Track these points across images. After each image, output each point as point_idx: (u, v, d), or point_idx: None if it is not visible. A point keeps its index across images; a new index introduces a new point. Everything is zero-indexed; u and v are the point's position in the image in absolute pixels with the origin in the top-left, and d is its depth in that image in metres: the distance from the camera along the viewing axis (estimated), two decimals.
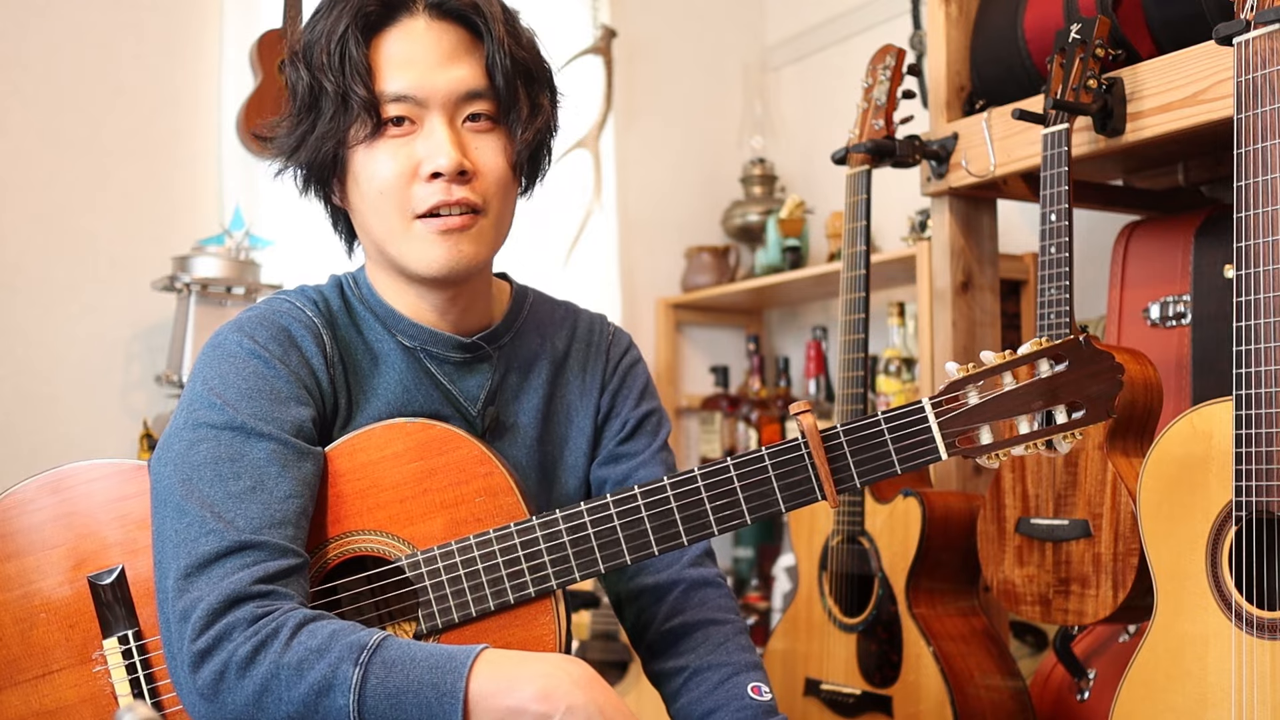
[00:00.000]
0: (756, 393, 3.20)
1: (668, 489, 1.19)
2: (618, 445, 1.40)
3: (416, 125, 1.21)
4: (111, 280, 2.63)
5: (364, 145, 1.21)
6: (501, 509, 1.21)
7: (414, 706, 1.05)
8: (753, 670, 1.32)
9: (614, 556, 1.19)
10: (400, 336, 1.30)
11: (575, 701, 1.06)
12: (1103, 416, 1.17)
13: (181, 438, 1.18)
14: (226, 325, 1.25)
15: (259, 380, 1.19)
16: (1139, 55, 1.78)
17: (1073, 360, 1.17)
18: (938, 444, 1.17)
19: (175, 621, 1.09)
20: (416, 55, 1.21)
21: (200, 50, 2.77)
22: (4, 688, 1.19)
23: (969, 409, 1.17)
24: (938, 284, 2.16)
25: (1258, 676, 1.32)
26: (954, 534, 1.90)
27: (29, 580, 1.21)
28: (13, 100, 2.55)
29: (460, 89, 1.22)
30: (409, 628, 1.22)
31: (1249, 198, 1.35)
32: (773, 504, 1.19)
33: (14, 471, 1.29)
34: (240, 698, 1.07)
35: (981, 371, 1.18)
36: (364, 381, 1.28)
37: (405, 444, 1.22)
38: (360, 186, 1.23)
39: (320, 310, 1.28)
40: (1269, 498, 1.31)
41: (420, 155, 1.21)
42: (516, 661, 1.09)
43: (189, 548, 1.11)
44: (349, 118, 1.20)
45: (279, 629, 1.07)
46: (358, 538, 1.20)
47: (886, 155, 2.03)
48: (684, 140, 3.48)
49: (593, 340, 1.43)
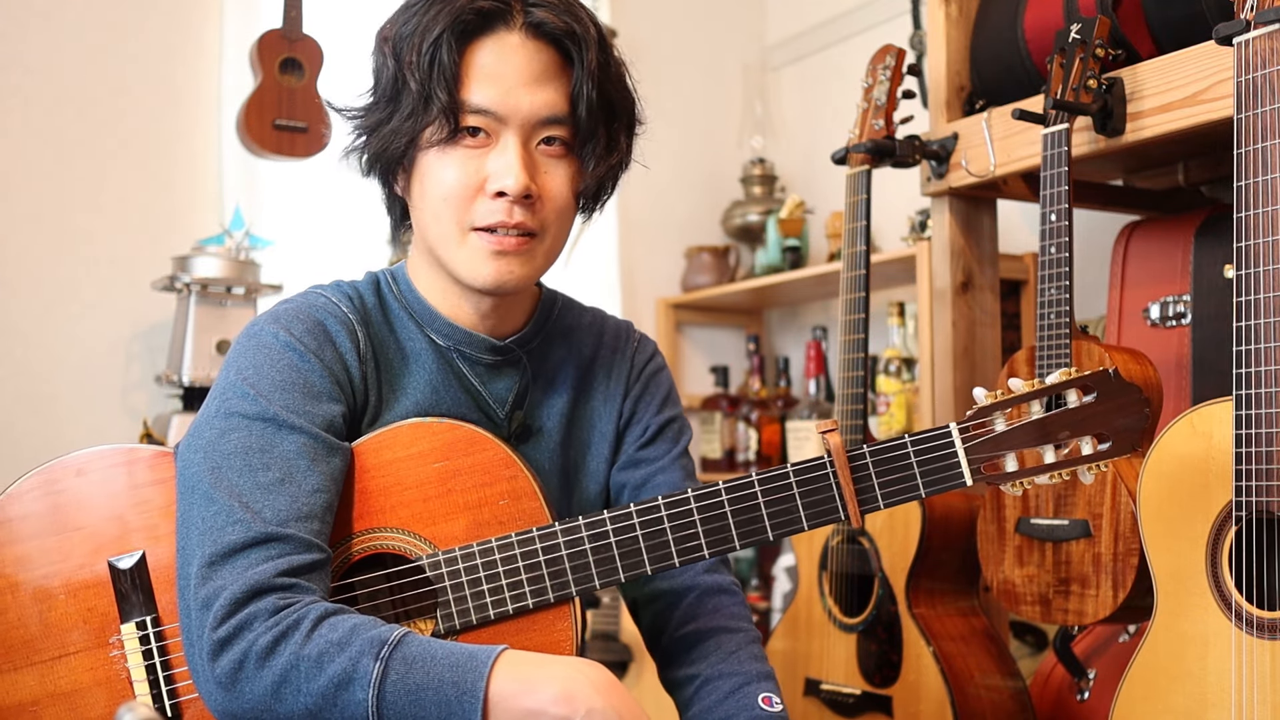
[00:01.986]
0: (756, 393, 3.20)
1: (691, 501, 1.19)
2: (638, 450, 1.40)
3: (491, 140, 1.21)
4: (111, 280, 2.63)
5: (436, 149, 1.21)
6: (524, 513, 1.21)
7: (433, 704, 1.05)
8: (764, 680, 1.32)
9: (635, 566, 1.19)
10: (434, 335, 1.31)
11: (595, 705, 1.06)
12: (1128, 450, 1.17)
13: (213, 425, 1.17)
14: (262, 316, 1.25)
15: (293, 373, 1.20)
16: (1139, 55, 1.78)
17: (1101, 392, 1.17)
18: (963, 470, 1.17)
19: (196, 609, 1.10)
20: (505, 71, 1.20)
21: (200, 50, 2.77)
22: (20, 667, 1.19)
23: (996, 436, 1.17)
24: (938, 284, 2.15)
25: (1258, 676, 1.32)
26: (954, 534, 1.90)
27: (50, 561, 1.21)
28: (13, 100, 2.55)
29: (542, 112, 1.21)
30: (426, 627, 1.22)
31: (1249, 198, 1.35)
32: (796, 521, 1.19)
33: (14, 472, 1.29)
34: (258, 688, 1.07)
35: (1009, 399, 1.17)
36: (395, 379, 1.28)
37: (431, 443, 1.22)
38: (424, 187, 1.24)
39: (355, 306, 1.28)
40: (1269, 498, 1.31)
41: (489, 171, 1.21)
42: (537, 663, 1.09)
43: (215, 536, 1.11)
44: (427, 119, 1.20)
45: (300, 621, 1.08)
46: (380, 534, 1.21)
47: (886, 155, 2.03)
48: (684, 140, 3.48)
49: (618, 346, 1.43)
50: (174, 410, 2.47)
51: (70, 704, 1.19)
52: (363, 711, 1.05)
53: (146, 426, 2.51)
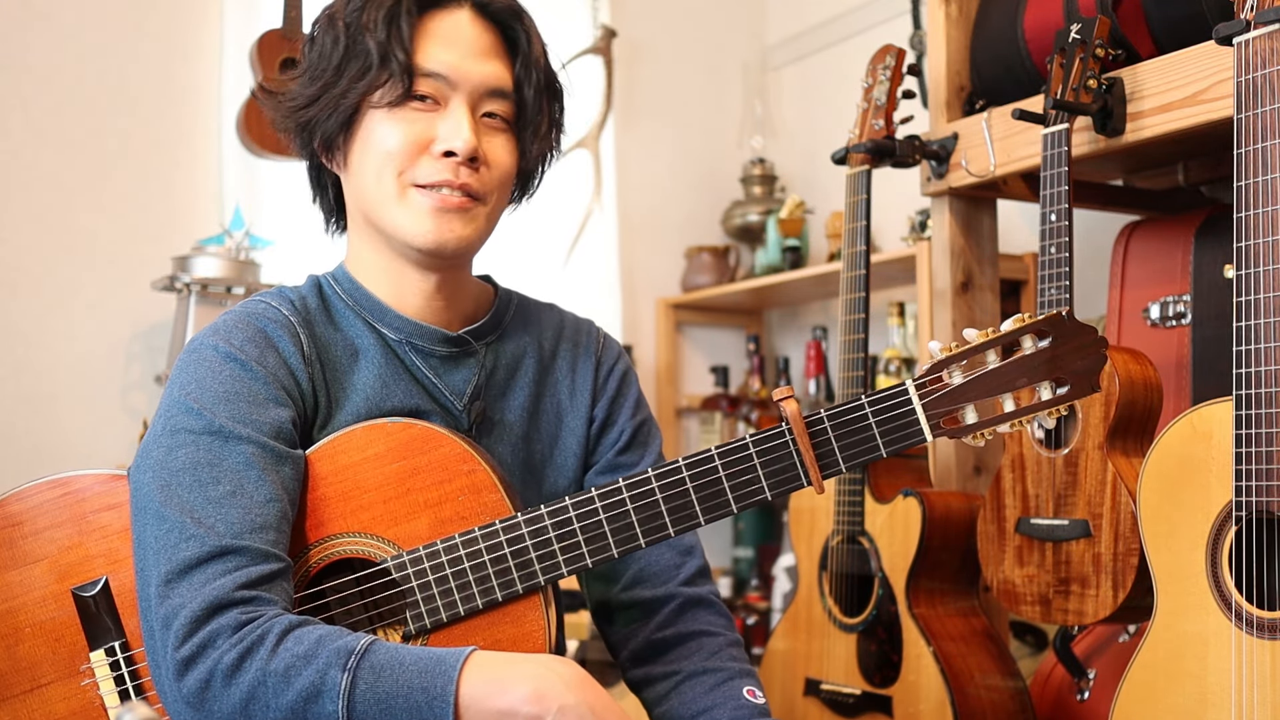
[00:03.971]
0: (756, 393, 3.20)
1: (653, 480, 1.19)
2: (616, 455, 1.41)
3: (439, 106, 1.25)
4: (111, 280, 2.63)
5: (385, 110, 1.24)
6: (486, 506, 1.20)
7: (404, 711, 1.05)
8: (748, 677, 1.32)
9: (600, 550, 1.19)
10: (384, 329, 1.30)
11: (567, 702, 1.05)
12: (1087, 391, 1.16)
13: (160, 444, 1.16)
14: (203, 330, 1.25)
15: (236, 383, 1.19)
16: (1139, 55, 1.78)
17: (1056, 335, 1.15)
18: (922, 425, 1.16)
19: (158, 629, 1.09)
20: (457, 42, 1.25)
21: (200, 50, 2.77)
22: None
23: (953, 389, 1.16)
24: (938, 284, 2.16)
25: (1258, 676, 1.32)
26: (954, 534, 1.90)
27: (13, 595, 1.20)
28: (14, 100, 2.55)
29: (490, 83, 1.26)
30: (397, 629, 1.22)
31: (1249, 198, 1.35)
32: (758, 491, 1.18)
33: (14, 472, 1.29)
34: (226, 705, 1.06)
35: (965, 351, 1.17)
36: (342, 378, 1.27)
37: (387, 444, 1.21)
38: (368, 148, 1.25)
39: (297, 309, 1.28)
40: (1269, 498, 1.31)
41: (437, 133, 1.24)
42: (506, 663, 1.08)
43: (169, 554, 1.10)
44: (379, 79, 1.22)
45: (264, 635, 1.07)
46: (342, 540, 1.20)
47: (886, 155, 2.03)
48: (684, 140, 3.48)
49: (580, 341, 1.44)
50: None
51: None
52: None
53: (146, 426, 2.50)
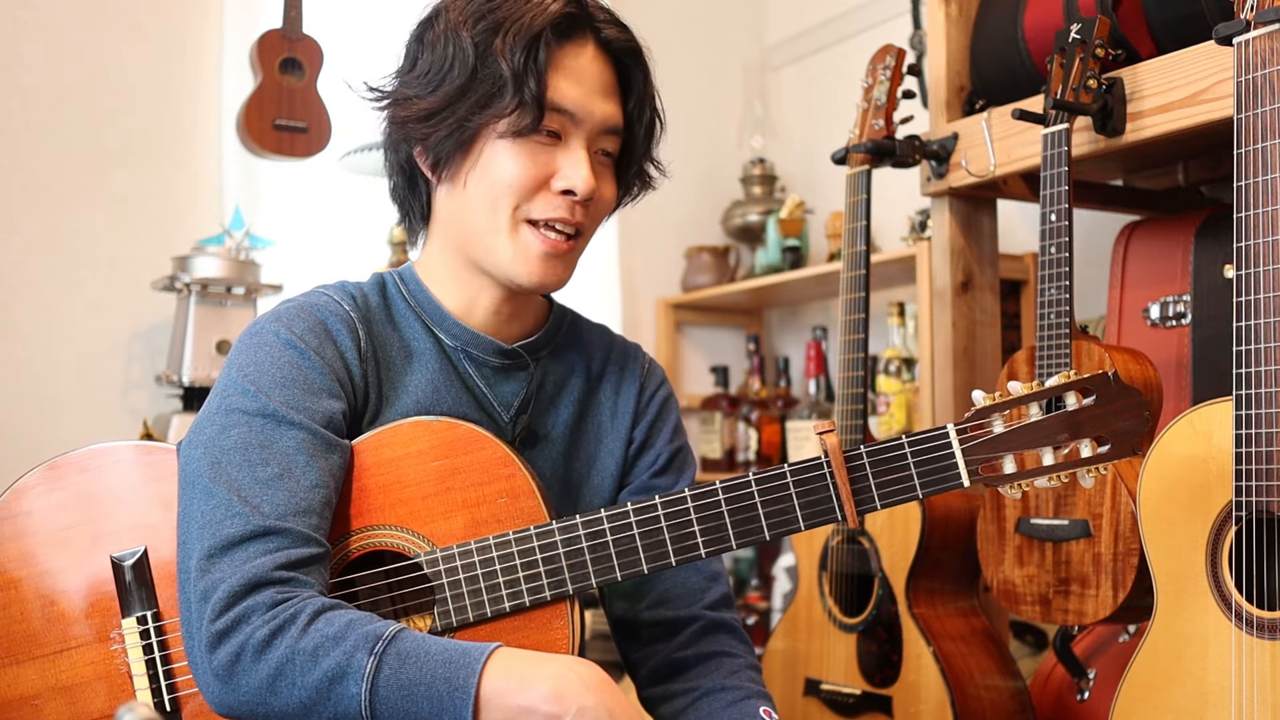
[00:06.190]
0: (756, 393, 3.20)
1: (689, 501, 1.19)
2: (651, 477, 1.42)
3: (560, 141, 1.25)
4: (111, 280, 2.63)
5: (507, 140, 1.23)
6: (522, 511, 1.22)
7: (425, 699, 1.06)
8: (765, 699, 1.33)
9: (631, 565, 1.19)
10: (442, 335, 1.32)
11: (586, 703, 1.06)
12: (1129, 453, 1.17)
13: (214, 422, 1.19)
14: (265, 315, 1.27)
15: (293, 370, 1.21)
16: (1139, 55, 1.78)
17: (1101, 395, 1.16)
18: (960, 470, 1.17)
19: (196, 601, 1.11)
20: (583, 78, 1.25)
21: (200, 50, 2.77)
22: (23, 660, 1.20)
23: (994, 437, 1.17)
24: (938, 284, 2.16)
25: (1258, 676, 1.32)
26: (954, 534, 1.90)
27: (53, 556, 1.22)
28: (13, 100, 2.55)
29: (610, 122, 1.28)
30: (424, 624, 1.23)
31: (1249, 198, 1.35)
32: (793, 522, 1.19)
33: (14, 472, 1.29)
34: (254, 680, 1.08)
35: (1008, 401, 1.17)
36: (396, 378, 1.29)
37: (430, 441, 1.23)
38: (485, 175, 1.25)
39: (358, 305, 1.29)
40: (1269, 498, 1.31)
41: (559, 169, 1.25)
42: (529, 661, 1.09)
43: (214, 529, 1.12)
44: (510, 106, 1.21)
45: (296, 615, 1.08)
46: (379, 532, 1.21)
47: (886, 155, 2.03)
48: (684, 140, 3.47)
49: (627, 365, 1.45)
50: (174, 410, 2.47)
51: (70, 698, 1.20)
52: (356, 705, 1.06)
53: (146, 426, 2.51)
